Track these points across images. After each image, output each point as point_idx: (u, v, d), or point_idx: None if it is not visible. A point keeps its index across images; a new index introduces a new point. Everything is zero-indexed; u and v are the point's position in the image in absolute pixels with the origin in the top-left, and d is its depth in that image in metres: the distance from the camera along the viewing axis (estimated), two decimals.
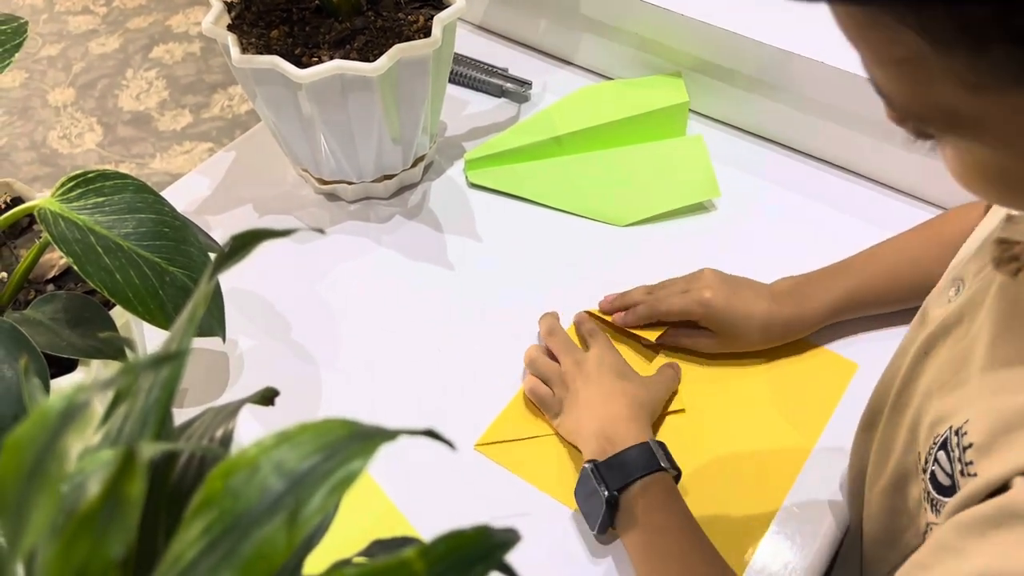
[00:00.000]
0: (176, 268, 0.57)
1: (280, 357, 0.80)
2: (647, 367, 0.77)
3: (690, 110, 0.97)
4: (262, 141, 1.00)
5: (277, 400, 0.76)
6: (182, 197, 0.94)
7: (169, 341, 0.30)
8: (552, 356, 0.75)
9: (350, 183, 0.91)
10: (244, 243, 0.33)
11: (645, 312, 0.76)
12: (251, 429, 0.74)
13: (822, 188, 0.93)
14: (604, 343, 0.75)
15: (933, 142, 0.39)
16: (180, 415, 0.76)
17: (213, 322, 0.59)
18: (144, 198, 0.57)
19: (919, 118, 0.37)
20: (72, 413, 0.23)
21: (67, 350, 0.55)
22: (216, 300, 0.60)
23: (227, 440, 0.34)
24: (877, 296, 0.75)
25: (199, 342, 0.75)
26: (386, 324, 0.82)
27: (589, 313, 0.80)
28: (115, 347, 0.57)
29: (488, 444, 0.72)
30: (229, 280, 0.70)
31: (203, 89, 2.38)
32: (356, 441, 0.25)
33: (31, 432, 0.23)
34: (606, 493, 0.62)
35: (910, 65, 0.34)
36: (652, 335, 0.76)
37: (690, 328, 0.76)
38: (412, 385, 0.77)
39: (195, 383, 0.78)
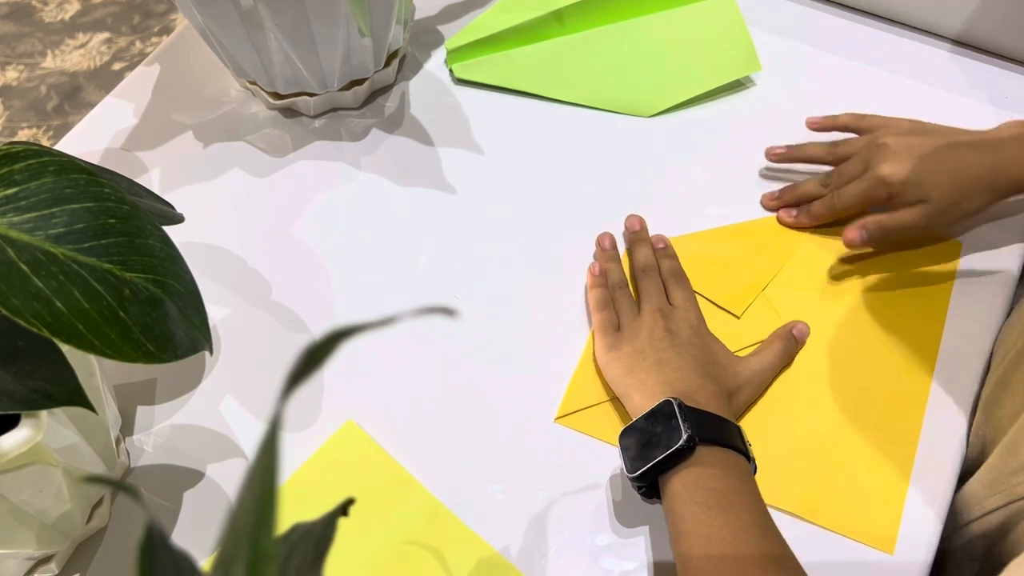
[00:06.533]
0: (136, 274, 0.42)
1: (263, 325, 0.65)
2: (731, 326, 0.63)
3: None
4: (190, 48, 0.81)
5: (271, 377, 0.62)
6: (102, 131, 0.76)
7: None
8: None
9: (312, 95, 0.74)
10: (319, 357, 0.20)
11: (824, 211, 0.65)
12: (242, 417, 0.61)
13: (890, 53, 0.79)
14: (691, 300, 0.62)
15: None
16: (155, 411, 0.62)
17: (196, 334, 0.44)
18: (73, 180, 0.41)
19: None
20: None
21: (3, 404, 0.40)
22: (196, 304, 0.44)
23: None
24: None
25: None
26: (384, 270, 0.67)
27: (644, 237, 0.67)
28: (68, 387, 0.42)
29: (569, 415, 0.60)
30: (182, 235, 0.54)
31: None
32: None
33: None
34: (687, 433, 0.50)
35: None
36: (739, 306, 0.63)
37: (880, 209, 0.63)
38: (433, 347, 0.63)
39: (167, 369, 0.64)
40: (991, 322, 0.63)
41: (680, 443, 0.50)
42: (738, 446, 0.51)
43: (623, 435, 0.54)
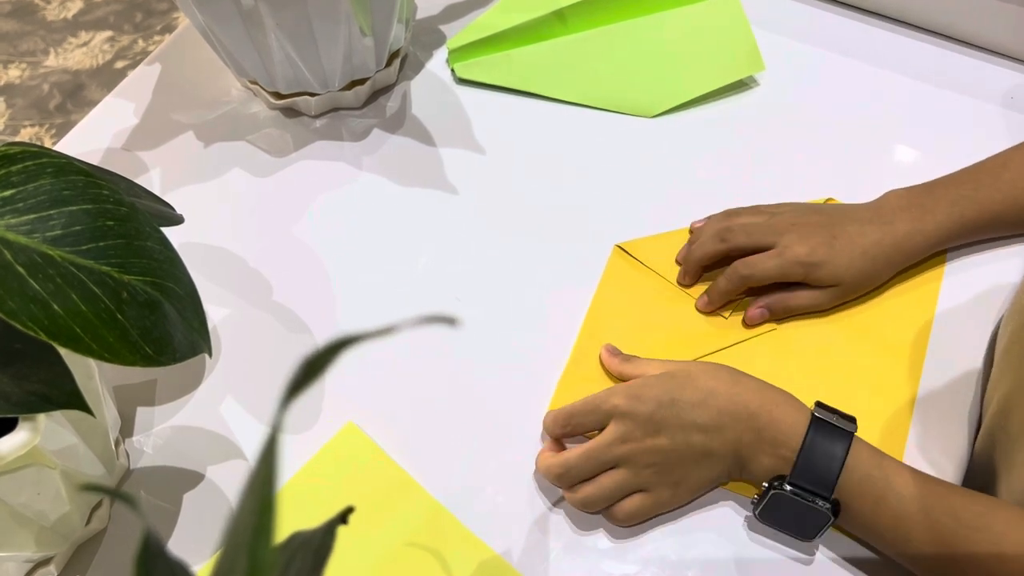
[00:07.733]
0: (134, 276, 0.41)
1: (263, 325, 0.65)
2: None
3: None
4: (192, 47, 0.81)
5: (271, 379, 0.62)
6: (102, 130, 0.76)
7: None
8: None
9: (313, 94, 0.74)
10: (319, 366, 0.19)
11: (729, 287, 0.61)
12: (242, 419, 0.60)
13: (894, 53, 0.78)
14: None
15: None
16: (155, 412, 0.61)
17: (195, 337, 0.44)
18: (71, 182, 0.41)
19: None
20: None
21: (1, 407, 0.40)
22: (195, 307, 0.44)
23: None
24: (1020, 214, 0.61)
25: None
26: (385, 270, 0.67)
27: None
28: (66, 390, 0.42)
29: None
30: (182, 235, 0.54)
31: None
32: None
33: None
34: (827, 505, 0.49)
35: None
36: (728, 307, 0.63)
37: (789, 287, 0.61)
38: (433, 349, 0.63)
39: (167, 370, 0.64)
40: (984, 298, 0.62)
41: (829, 517, 0.50)
42: (847, 438, 0.50)
43: (764, 517, 0.53)
